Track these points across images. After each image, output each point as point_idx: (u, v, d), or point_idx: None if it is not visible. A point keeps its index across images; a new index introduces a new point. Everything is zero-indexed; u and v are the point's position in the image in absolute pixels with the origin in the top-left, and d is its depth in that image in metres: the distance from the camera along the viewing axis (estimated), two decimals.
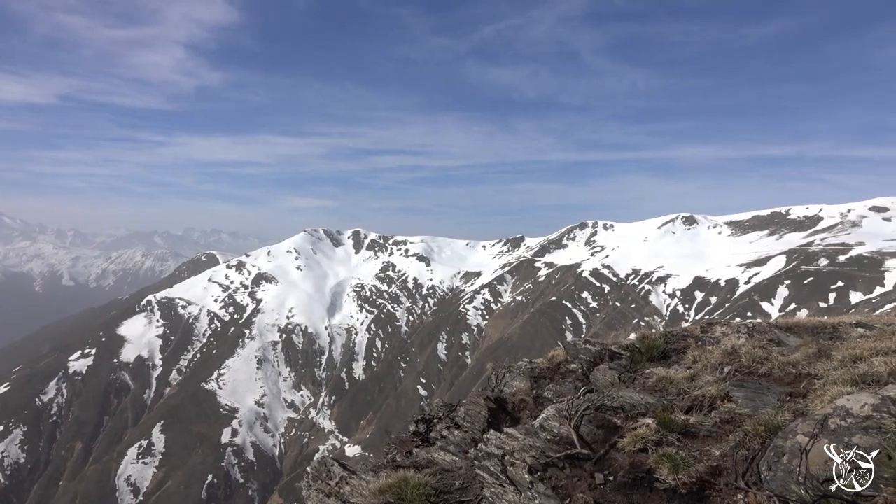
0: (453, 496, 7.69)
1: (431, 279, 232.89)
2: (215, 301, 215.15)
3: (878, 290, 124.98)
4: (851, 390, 6.45)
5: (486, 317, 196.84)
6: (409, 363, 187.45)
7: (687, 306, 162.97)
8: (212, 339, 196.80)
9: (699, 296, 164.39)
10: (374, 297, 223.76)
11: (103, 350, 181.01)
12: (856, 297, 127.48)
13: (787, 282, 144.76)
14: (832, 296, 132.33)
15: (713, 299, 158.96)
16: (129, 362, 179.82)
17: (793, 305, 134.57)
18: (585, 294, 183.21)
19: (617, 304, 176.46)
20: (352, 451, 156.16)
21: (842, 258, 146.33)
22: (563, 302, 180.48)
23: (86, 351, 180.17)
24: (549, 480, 6.77)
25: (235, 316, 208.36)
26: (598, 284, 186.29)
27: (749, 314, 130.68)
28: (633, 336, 12.61)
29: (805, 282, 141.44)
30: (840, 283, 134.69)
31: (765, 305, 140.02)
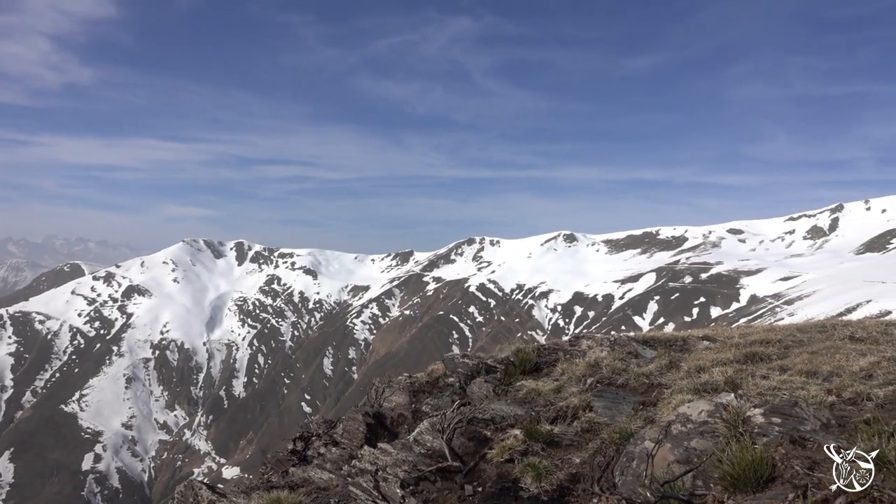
0: None
1: (318, 293, 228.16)
2: (79, 315, 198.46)
3: (735, 306, 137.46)
4: (692, 398, 7.12)
5: (374, 331, 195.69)
6: (293, 379, 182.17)
7: (567, 320, 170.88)
8: (74, 357, 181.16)
9: (578, 310, 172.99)
10: (258, 311, 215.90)
11: None
12: (715, 311, 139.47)
13: (657, 297, 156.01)
14: (695, 310, 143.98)
15: (591, 313, 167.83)
16: None
17: (661, 319, 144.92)
18: (472, 308, 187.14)
19: (502, 318, 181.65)
20: (230, 472, 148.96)
21: (704, 276, 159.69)
22: (451, 316, 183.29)
23: None
24: (421, 494, 6.89)
25: (102, 331, 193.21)
26: (484, 299, 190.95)
27: (623, 327, 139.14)
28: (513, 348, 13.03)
29: (672, 297, 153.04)
30: (702, 299, 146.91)
31: (637, 319, 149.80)
